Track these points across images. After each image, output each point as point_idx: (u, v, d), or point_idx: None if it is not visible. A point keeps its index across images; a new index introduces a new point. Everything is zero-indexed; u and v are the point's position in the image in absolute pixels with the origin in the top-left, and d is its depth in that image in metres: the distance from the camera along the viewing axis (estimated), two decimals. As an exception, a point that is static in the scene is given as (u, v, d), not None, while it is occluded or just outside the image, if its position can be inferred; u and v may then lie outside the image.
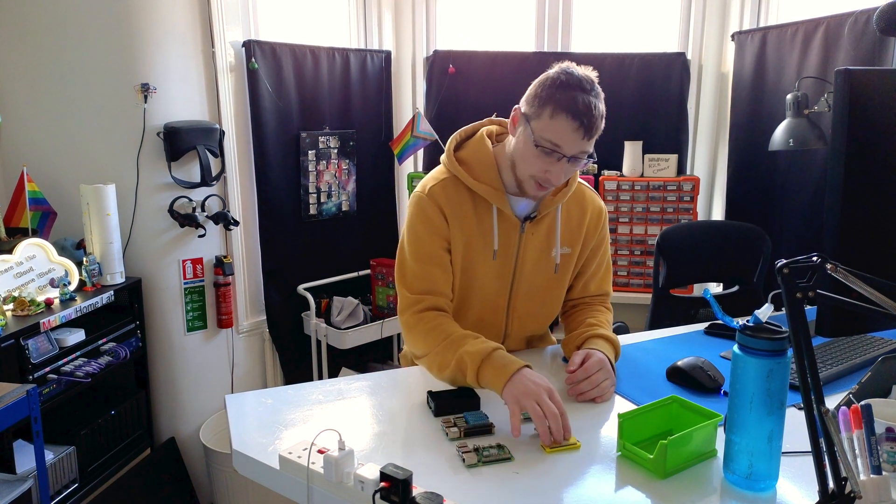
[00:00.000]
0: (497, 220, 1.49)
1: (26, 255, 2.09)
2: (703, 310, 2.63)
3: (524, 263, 1.54)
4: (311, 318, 2.96)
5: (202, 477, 2.71)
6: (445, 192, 1.49)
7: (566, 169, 1.39)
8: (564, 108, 1.33)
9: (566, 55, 3.30)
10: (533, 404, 1.22)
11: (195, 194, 2.54)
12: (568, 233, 1.57)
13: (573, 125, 1.33)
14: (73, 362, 2.10)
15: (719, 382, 1.45)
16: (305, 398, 1.41)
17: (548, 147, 1.36)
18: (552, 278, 1.58)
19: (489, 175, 1.48)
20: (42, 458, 1.79)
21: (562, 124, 1.34)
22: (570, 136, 1.34)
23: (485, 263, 1.51)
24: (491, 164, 1.49)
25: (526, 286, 1.56)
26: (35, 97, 2.45)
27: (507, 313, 1.59)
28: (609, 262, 1.70)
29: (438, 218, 1.48)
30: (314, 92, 2.98)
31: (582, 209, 1.59)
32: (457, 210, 1.48)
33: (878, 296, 1.01)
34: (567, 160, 1.37)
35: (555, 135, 1.35)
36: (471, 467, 1.14)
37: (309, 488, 1.08)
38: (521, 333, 1.64)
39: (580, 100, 1.33)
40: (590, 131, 1.34)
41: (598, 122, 1.36)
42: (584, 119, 1.33)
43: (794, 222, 2.78)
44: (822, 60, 2.59)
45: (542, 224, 1.53)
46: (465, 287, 1.53)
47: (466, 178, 1.48)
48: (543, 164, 1.38)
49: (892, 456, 1.10)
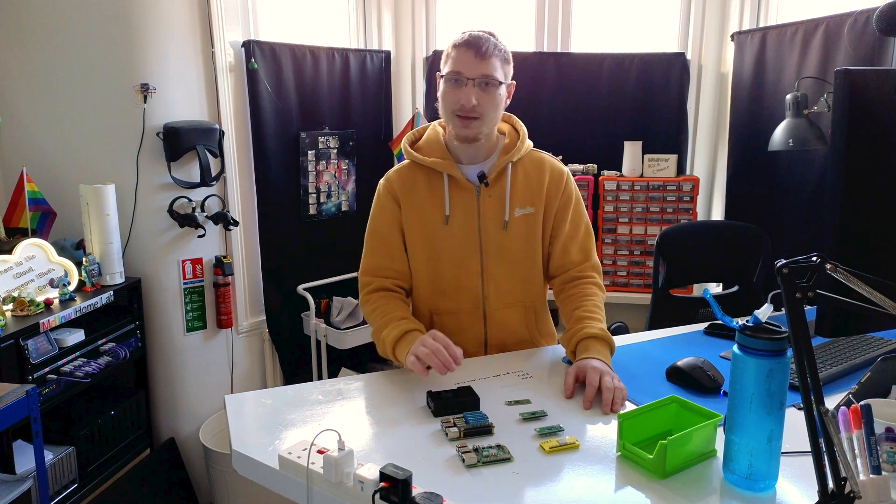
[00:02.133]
0: (449, 188, 1.63)
1: (26, 256, 2.09)
2: (703, 310, 2.63)
3: (486, 225, 1.63)
4: (311, 319, 2.96)
5: (202, 477, 2.71)
6: (399, 175, 1.68)
7: (476, 93, 1.53)
8: (459, 42, 1.56)
9: (566, 55, 3.32)
10: (420, 348, 1.41)
11: (195, 194, 2.54)
12: (528, 192, 1.66)
13: (466, 50, 1.54)
14: (73, 362, 2.10)
15: (719, 382, 1.45)
16: (305, 398, 1.41)
17: (452, 76, 1.55)
18: (518, 238, 1.65)
19: (438, 151, 1.65)
20: (42, 459, 1.79)
21: (456, 54, 1.55)
22: (464, 60, 1.53)
23: (442, 229, 1.63)
24: (439, 141, 1.66)
25: (494, 248, 1.65)
26: (35, 97, 2.44)
27: (482, 276, 1.66)
28: (588, 226, 1.73)
29: (390, 202, 1.66)
30: (314, 92, 2.98)
31: (540, 170, 1.68)
32: (409, 188, 1.65)
33: (877, 296, 1.01)
34: (473, 83, 1.53)
35: (454, 64, 1.55)
36: (470, 467, 1.14)
37: (309, 488, 1.08)
38: (500, 297, 1.67)
39: (470, 34, 1.56)
40: (481, 51, 1.52)
41: (490, 47, 1.53)
42: (474, 42, 1.53)
43: (794, 222, 2.78)
44: (822, 61, 2.59)
45: (497, 186, 1.64)
46: (433, 255, 1.65)
47: (418, 157, 1.65)
48: (455, 95, 1.55)
49: (891, 456, 1.10)
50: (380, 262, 1.68)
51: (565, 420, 1.31)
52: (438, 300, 1.67)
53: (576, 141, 3.22)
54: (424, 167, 1.65)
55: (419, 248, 1.65)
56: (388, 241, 1.67)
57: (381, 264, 1.68)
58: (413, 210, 1.65)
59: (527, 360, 1.62)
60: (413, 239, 1.65)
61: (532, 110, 3.06)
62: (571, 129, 3.25)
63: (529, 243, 1.67)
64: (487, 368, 1.57)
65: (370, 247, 1.71)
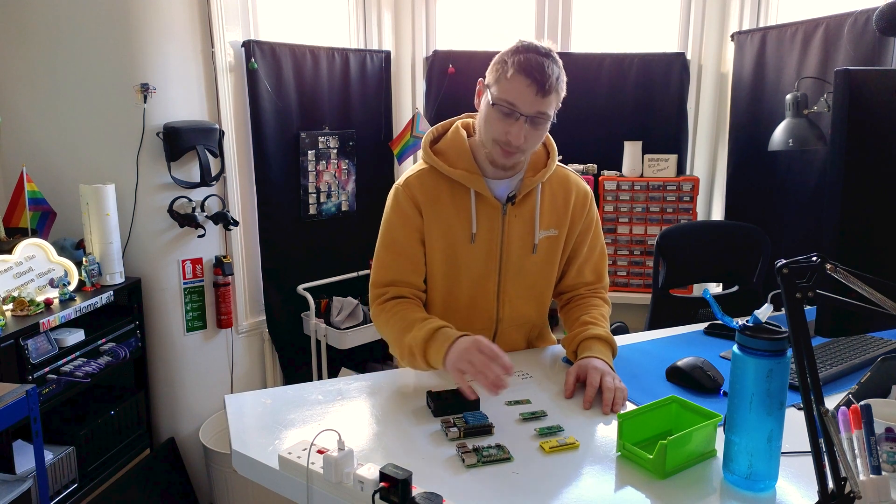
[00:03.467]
0: (476, 204, 1.53)
1: (26, 255, 2.09)
2: (703, 310, 2.63)
3: (510, 245, 1.56)
4: (311, 318, 2.96)
5: (202, 477, 2.71)
6: (421, 182, 1.54)
7: (526, 129, 1.42)
8: (518, 68, 1.39)
9: (565, 55, 3.30)
10: (466, 364, 1.29)
11: (195, 194, 2.54)
12: (553, 214, 1.59)
13: (527, 82, 1.38)
14: (73, 362, 2.10)
15: (719, 382, 1.45)
16: (305, 398, 1.41)
17: (505, 107, 1.41)
18: (540, 260, 1.60)
19: (465, 161, 1.53)
20: (41, 459, 1.79)
21: (516, 83, 1.39)
22: (524, 93, 1.39)
23: (466, 247, 1.54)
24: (466, 150, 1.54)
25: (514, 269, 1.58)
26: (34, 97, 2.44)
27: (498, 297, 1.60)
28: (603, 247, 1.71)
29: (412, 209, 1.53)
30: (314, 92, 2.98)
31: (566, 191, 1.61)
32: (432, 199, 1.53)
33: (877, 296, 1.01)
34: (525, 120, 1.41)
35: (510, 94, 1.40)
36: (470, 467, 1.14)
37: (308, 488, 1.08)
38: (513, 318, 1.64)
39: (534, 60, 1.39)
40: (543, 88, 1.39)
41: (553, 81, 1.40)
42: (538, 76, 1.38)
43: (794, 222, 2.78)
44: (822, 60, 2.59)
45: (524, 206, 1.56)
46: (452, 272, 1.56)
47: (442, 167, 1.53)
48: (503, 126, 1.43)
49: (891, 456, 1.10)
50: (397, 276, 1.54)
51: (565, 420, 1.31)
52: (449, 318, 1.51)
53: (576, 141, 3.22)
54: (448, 176, 1.53)
55: (438, 264, 1.55)
56: (407, 255, 1.54)
57: (398, 279, 1.54)
58: (436, 223, 1.53)
59: (527, 360, 1.62)
60: (433, 254, 1.54)
61: (532, 110, 3.06)
62: (571, 129, 3.22)
63: (549, 265, 1.62)
64: (487, 368, 1.56)
65: (386, 260, 1.55)
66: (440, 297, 1.59)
